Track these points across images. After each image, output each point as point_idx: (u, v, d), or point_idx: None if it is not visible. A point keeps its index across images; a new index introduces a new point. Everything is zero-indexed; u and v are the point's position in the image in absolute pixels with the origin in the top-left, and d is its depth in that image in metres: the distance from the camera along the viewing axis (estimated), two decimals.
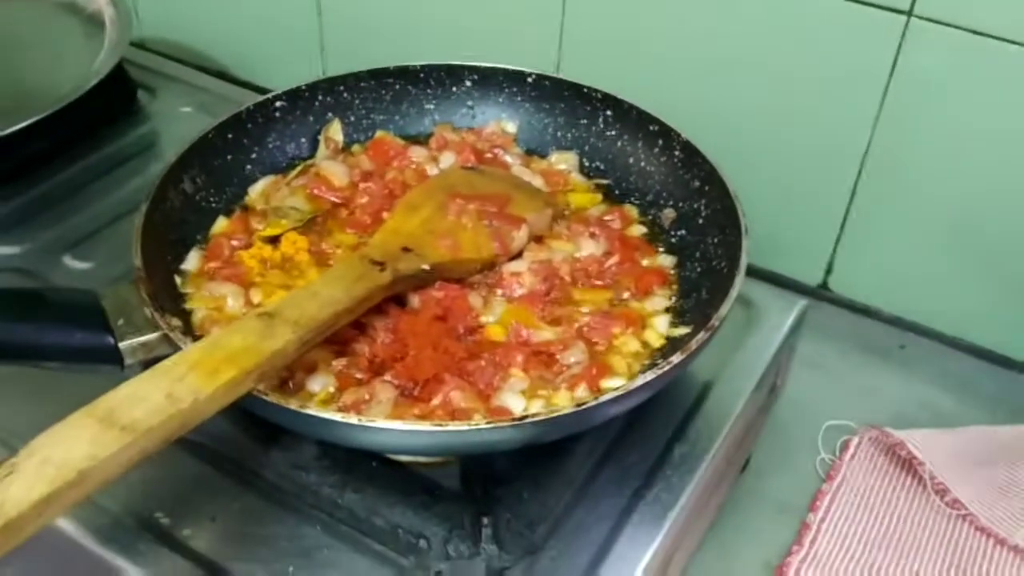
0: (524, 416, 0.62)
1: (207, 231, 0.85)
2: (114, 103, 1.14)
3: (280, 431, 0.72)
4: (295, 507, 0.70)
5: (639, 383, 0.64)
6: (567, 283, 0.81)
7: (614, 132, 0.94)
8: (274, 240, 0.84)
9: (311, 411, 0.62)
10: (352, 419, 0.61)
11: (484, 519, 0.67)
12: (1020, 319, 0.99)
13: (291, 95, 0.94)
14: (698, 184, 0.86)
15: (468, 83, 0.98)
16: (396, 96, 0.98)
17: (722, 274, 0.77)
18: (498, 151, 0.95)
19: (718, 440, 0.75)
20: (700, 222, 0.85)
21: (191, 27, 1.39)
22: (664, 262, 0.85)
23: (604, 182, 0.94)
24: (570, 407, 0.62)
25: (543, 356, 0.74)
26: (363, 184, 0.89)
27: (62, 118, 0.99)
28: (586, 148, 0.96)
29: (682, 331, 0.77)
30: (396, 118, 0.98)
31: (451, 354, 0.72)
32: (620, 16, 1.04)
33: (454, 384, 0.69)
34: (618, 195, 0.93)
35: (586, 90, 0.94)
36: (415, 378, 0.70)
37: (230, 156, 0.89)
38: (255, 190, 0.90)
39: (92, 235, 0.97)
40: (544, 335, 0.76)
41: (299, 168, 0.93)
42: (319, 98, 0.95)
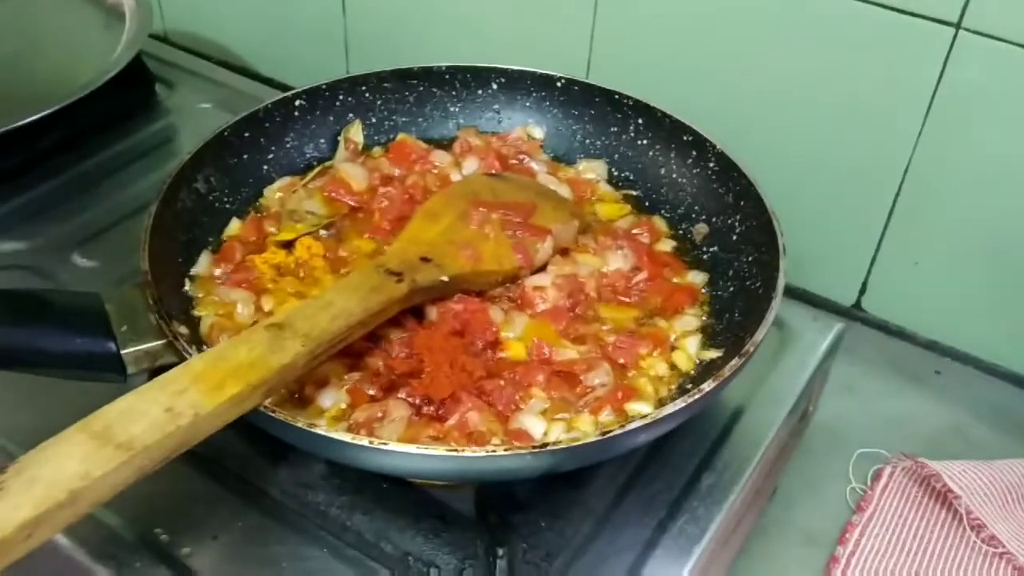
0: (545, 443, 0.59)
1: (219, 233, 0.82)
2: (131, 97, 1.12)
3: (287, 447, 0.69)
4: (300, 527, 0.67)
5: (669, 411, 0.61)
6: (592, 299, 0.78)
7: (645, 141, 0.91)
8: (288, 245, 0.81)
9: (322, 431, 0.58)
10: (364, 441, 0.58)
11: (499, 549, 0.64)
12: None
13: (311, 94, 0.91)
14: (732, 199, 0.83)
15: (494, 86, 0.95)
16: (420, 98, 0.95)
17: (757, 294, 0.74)
18: (524, 157, 0.92)
19: (748, 469, 0.72)
20: (734, 238, 0.82)
21: (215, 21, 1.38)
22: (695, 279, 0.81)
23: (633, 193, 0.91)
24: (594, 435, 0.59)
25: (565, 376, 0.71)
26: (383, 188, 0.86)
27: (77, 110, 0.97)
28: (615, 157, 0.93)
29: (713, 354, 0.74)
30: (419, 120, 0.95)
31: (469, 372, 0.68)
32: (653, 25, 1.01)
33: (471, 404, 0.66)
34: (647, 207, 0.89)
35: (617, 97, 0.91)
36: (431, 396, 0.66)
37: (246, 155, 0.87)
38: (271, 191, 0.87)
39: (102, 232, 0.94)
40: (567, 354, 0.72)
41: (317, 170, 0.90)
42: (340, 98, 0.93)
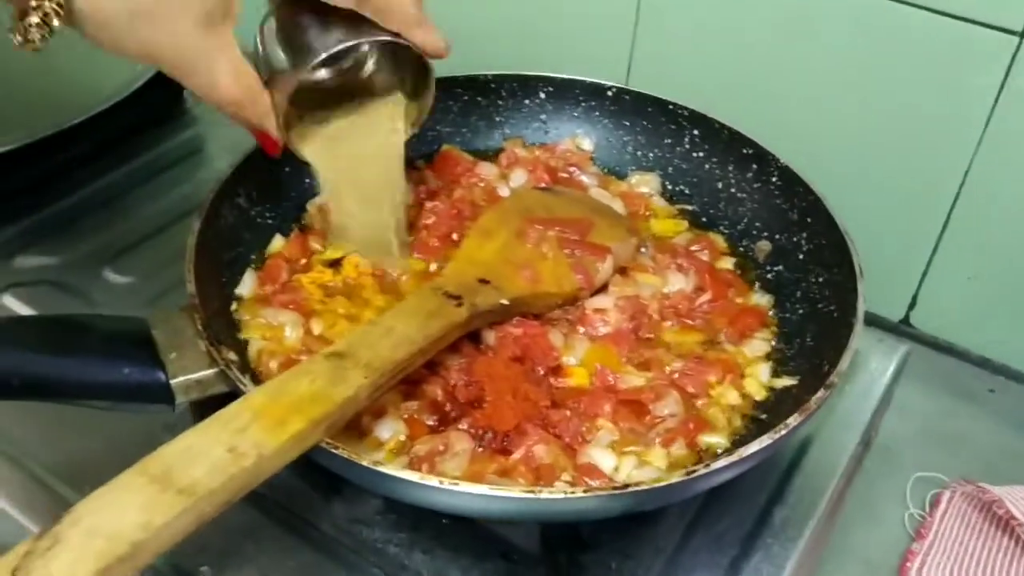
0: (626, 484, 0.55)
1: (262, 250, 0.79)
2: (159, 105, 1.09)
3: (340, 479, 0.66)
4: (355, 565, 0.65)
5: (754, 449, 0.57)
6: (656, 322, 0.74)
7: (701, 153, 0.88)
8: (335, 263, 0.77)
9: (388, 470, 0.55)
10: (433, 481, 0.54)
11: None
12: None
13: None
14: (798, 215, 0.80)
15: (542, 95, 0.92)
16: (464, 107, 0.91)
17: (832, 318, 0.71)
18: (573, 170, 0.88)
19: (823, 501, 0.69)
20: (800, 257, 0.78)
21: (247, 25, 1.33)
22: (761, 301, 0.78)
23: (689, 208, 0.87)
24: (679, 475, 0.55)
25: (633, 405, 0.67)
26: (429, 203, 0.83)
27: (104, 120, 0.95)
28: (669, 170, 0.89)
29: (787, 381, 0.70)
30: (464, 131, 0.92)
31: (533, 401, 0.65)
32: (696, 33, 0.97)
33: (538, 436, 0.63)
34: (704, 223, 0.86)
35: (671, 106, 0.88)
36: (495, 428, 0.63)
37: (288, 168, 0.83)
38: (313, 205, 0.83)
39: (133, 247, 0.91)
40: (633, 381, 0.69)
41: None
42: None
